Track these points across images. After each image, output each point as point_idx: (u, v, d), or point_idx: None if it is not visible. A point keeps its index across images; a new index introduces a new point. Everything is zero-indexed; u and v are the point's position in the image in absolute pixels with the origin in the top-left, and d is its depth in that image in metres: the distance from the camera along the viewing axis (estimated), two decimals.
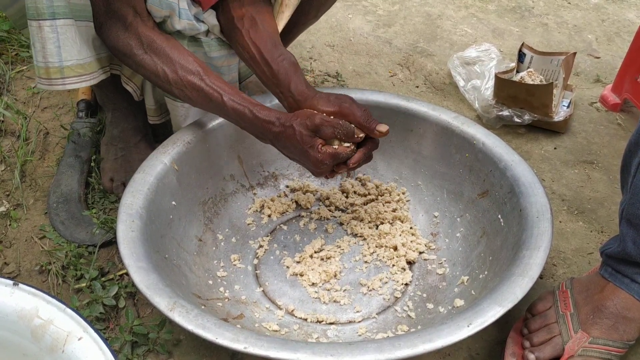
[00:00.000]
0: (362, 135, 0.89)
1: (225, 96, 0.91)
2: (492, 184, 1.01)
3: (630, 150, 0.86)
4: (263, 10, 1.03)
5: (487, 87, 1.40)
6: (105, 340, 0.64)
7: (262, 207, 1.12)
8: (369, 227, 1.08)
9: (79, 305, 0.95)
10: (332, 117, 0.90)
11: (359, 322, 0.94)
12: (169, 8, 0.95)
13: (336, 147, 0.88)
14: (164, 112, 1.15)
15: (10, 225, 1.11)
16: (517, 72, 1.42)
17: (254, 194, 1.14)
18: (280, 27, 1.06)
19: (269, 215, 1.11)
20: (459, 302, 0.91)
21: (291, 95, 0.94)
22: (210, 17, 1.03)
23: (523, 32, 1.77)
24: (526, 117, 1.34)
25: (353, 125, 0.88)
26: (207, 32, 1.05)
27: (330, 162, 0.88)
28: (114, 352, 0.64)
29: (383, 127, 0.88)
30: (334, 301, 0.97)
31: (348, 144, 0.89)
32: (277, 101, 1.10)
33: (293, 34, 1.19)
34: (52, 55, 0.90)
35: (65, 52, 0.90)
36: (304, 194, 1.15)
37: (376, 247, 1.05)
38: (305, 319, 0.94)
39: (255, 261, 1.04)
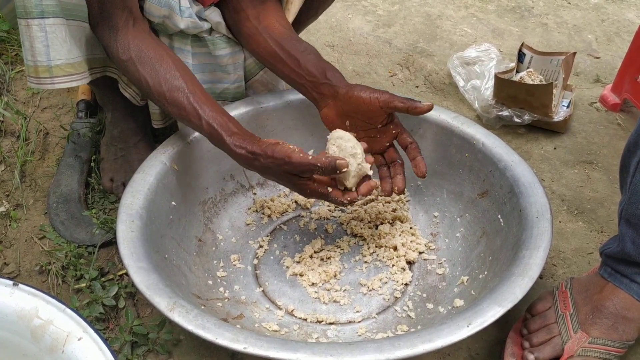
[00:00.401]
0: (344, 170, 0.82)
1: (203, 119, 0.88)
2: (492, 184, 1.01)
3: (629, 150, 0.86)
4: (272, 9, 1.03)
5: (487, 87, 1.40)
6: (105, 340, 0.65)
7: (262, 207, 1.12)
8: (369, 227, 1.08)
9: (79, 306, 0.95)
10: (376, 101, 0.91)
11: (359, 322, 0.94)
12: (168, 7, 0.95)
13: (330, 190, 0.86)
14: (168, 116, 1.15)
15: (10, 225, 1.11)
16: (517, 72, 1.42)
17: (254, 194, 1.14)
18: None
19: (269, 215, 1.11)
20: (459, 302, 0.91)
21: (328, 82, 0.94)
22: (213, 15, 1.03)
23: (523, 32, 1.77)
24: (526, 117, 1.34)
25: (334, 162, 0.80)
26: (211, 31, 1.05)
27: (320, 198, 0.88)
28: (114, 352, 0.64)
29: (428, 102, 0.89)
30: (334, 301, 0.97)
31: (344, 196, 0.87)
32: (288, 98, 1.11)
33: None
34: (40, 54, 0.89)
35: (53, 52, 0.89)
36: None
37: (376, 247, 1.05)
38: (305, 319, 0.94)
39: (255, 261, 1.04)
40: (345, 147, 0.88)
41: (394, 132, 0.96)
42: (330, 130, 0.93)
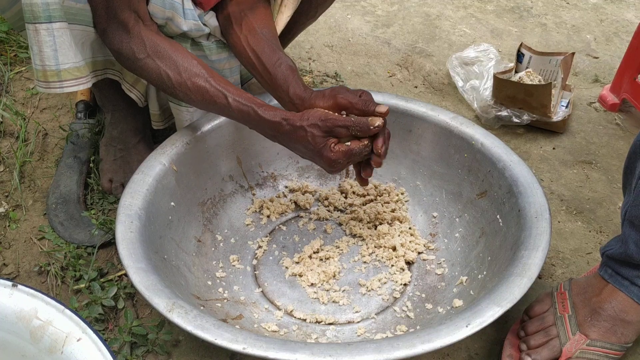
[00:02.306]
0: (378, 123, 0.85)
1: (229, 97, 0.90)
2: (491, 184, 1.01)
3: (634, 152, 0.85)
4: (261, 12, 1.03)
5: (486, 88, 1.40)
6: (104, 341, 0.65)
7: (261, 207, 1.12)
8: (368, 228, 1.08)
9: (78, 306, 0.95)
10: (338, 112, 0.89)
11: (358, 322, 0.94)
12: (172, 8, 0.95)
13: (349, 144, 0.87)
14: (168, 117, 1.15)
15: (9, 226, 1.11)
16: (516, 72, 1.42)
17: (253, 194, 1.14)
18: (280, 28, 1.06)
19: (268, 216, 1.11)
20: (458, 303, 0.92)
21: (290, 100, 0.94)
22: (212, 20, 1.03)
23: (522, 32, 1.77)
24: (525, 117, 1.34)
25: (366, 119, 0.85)
26: (208, 36, 1.05)
27: (344, 160, 0.87)
28: (113, 353, 0.64)
29: (382, 108, 0.87)
30: (333, 301, 0.97)
31: (362, 140, 0.87)
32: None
33: (292, 34, 1.20)
34: (49, 59, 0.89)
35: (62, 56, 0.90)
36: (303, 194, 1.15)
37: (375, 247, 1.05)
38: (304, 320, 0.94)
39: (254, 262, 1.04)
40: None
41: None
42: None
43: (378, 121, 0.85)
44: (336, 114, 0.87)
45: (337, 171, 0.90)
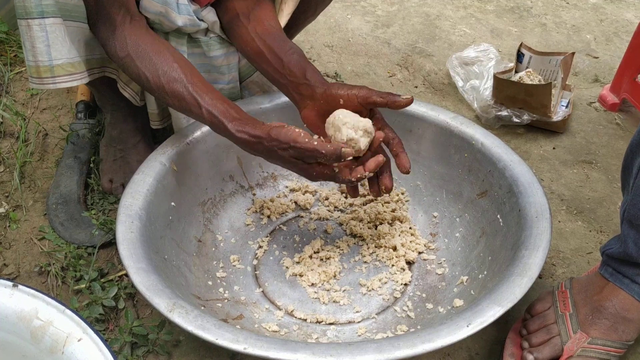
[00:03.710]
0: (349, 157, 0.81)
1: (203, 108, 0.88)
2: (491, 184, 1.01)
3: (631, 151, 0.85)
4: (265, 7, 1.03)
5: (486, 87, 1.40)
6: (104, 341, 0.65)
7: (262, 207, 1.12)
8: (368, 228, 1.08)
9: (79, 307, 0.95)
10: (354, 97, 0.88)
11: (359, 322, 0.94)
12: (165, 3, 0.95)
13: (337, 171, 0.85)
14: (166, 116, 1.15)
15: (9, 226, 1.11)
16: (516, 72, 1.43)
17: (253, 194, 1.14)
18: (281, 25, 1.06)
19: (268, 216, 1.11)
20: (459, 302, 0.92)
21: (307, 83, 0.92)
22: (210, 15, 1.03)
23: (521, 32, 1.77)
24: (525, 117, 1.34)
25: (339, 149, 0.80)
26: (206, 31, 1.05)
27: (325, 179, 0.86)
28: (114, 353, 0.64)
29: (407, 95, 0.86)
30: (334, 301, 0.97)
31: (351, 174, 0.85)
32: (277, 101, 1.11)
33: (291, 32, 1.20)
34: (41, 54, 0.89)
35: (54, 51, 0.90)
36: (303, 194, 1.15)
37: (375, 247, 1.05)
38: (305, 320, 0.94)
39: (255, 262, 1.04)
40: (354, 120, 0.86)
41: (376, 127, 0.93)
42: (313, 132, 0.93)
43: (349, 152, 0.81)
44: (306, 139, 0.81)
45: (320, 181, 0.89)
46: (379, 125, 0.93)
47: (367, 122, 0.87)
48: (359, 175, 0.85)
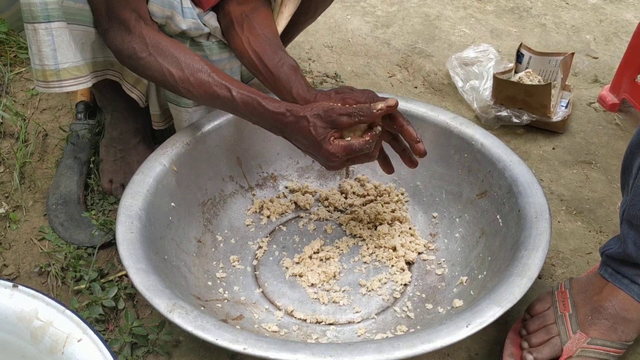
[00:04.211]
0: (380, 106, 0.84)
1: (233, 90, 0.89)
2: (491, 185, 1.01)
3: (631, 152, 0.85)
4: (261, 12, 1.03)
5: (486, 88, 1.40)
6: (104, 341, 0.65)
7: (261, 208, 1.12)
8: (368, 228, 1.08)
9: (79, 307, 0.95)
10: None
11: (358, 322, 0.94)
12: (171, 7, 0.95)
13: (349, 139, 0.86)
14: (168, 117, 1.15)
15: (9, 227, 1.11)
16: (516, 72, 1.43)
17: (253, 195, 1.14)
18: (280, 28, 1.06)
19: (268, 216, 1.11)
20: (458, 303, 0.92)
21: (293, 100, 0.94)
22: (212, 20, 1.03)
23: (521, 33, 1.77)
24: (524, 117, 1.34)
25: (368, 105, 0.85)
26: (208, 36, 1.05)
27: (343, 155, 0.86)
28: (114, 354, 0.64)
29: (391, 101, 0.86)
30: (333, 302, 0.97)
31: (363, 137, 0.86)
32: None
33: (292, 34, 1.20)
34: (47, 58, 0.90)
35: (61, 55, 0.90)
36: (303, 194, 1.16)
37: (375, 247, 1.05)
38: (305, 320, 0.94)
39: (255, 262, 1.04)
40: None
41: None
42: None
43: (380, 104, 0.85)
44: (339, 104, 0.87)
45: (336, 168, 0.89)
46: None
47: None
48: (371, 133, 0.86)
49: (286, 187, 1.17)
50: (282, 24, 1.06)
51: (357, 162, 0.90)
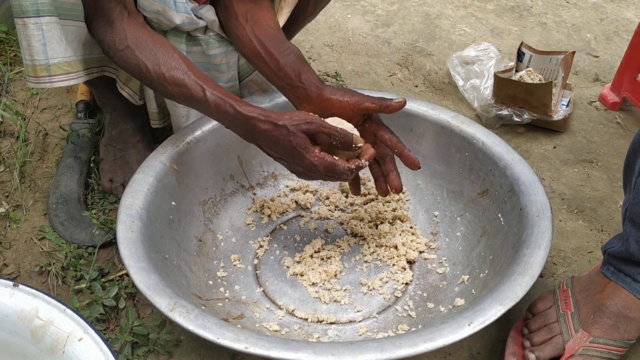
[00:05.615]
0: (360, 144, 0.85)
1: (207, 91, 0.88)
2: (492, 183, 1.01)
3: (633, 150, 0.85)
4: (264, 7, 1.03)
5: (486, 87, 1.40)
6: (105, 340, 0.65)
7: (262, 207, 1.12)
8: (369, 227, 1.08)
9: (79, 306, 0.95)
10: (346, 104, 0.90)
11: (360, 321, 0.94)
12: (162, 2, 0.95)
13: (336, 158, 0.85)
14: (166, 115, 1.15)
15: (9, 226, 1.11)
16: (516, 71, 1.42)
17: (254, 194, 1.14)
18: (280, 24, 1.06)
19: (269, 215, 1.11)
20: (460, 301, 0.91)
21: (302, 86, 0.93)
22: (208, 13, 1.03)
23: (522, 32, 1.77)
24: (525, 116, 1.34)
25: (352, 134, 0.85)
26: (205, 29, 1.05)
27: (324, 171, 0.86)
28: (115, 353, 0.64)
29: (399, 98, 0.87)
30: (335, 301, 0.97)
31: (350, 163, 0.86)
32: (277, 100, 1.11)
33: (291, 31, 1.19)
34: (37, 53, 0.89)
35: (51, 50, 0.89)
36: (304, 193, 1.15)
37: (376, 246, 1.05)
38: (306, 319, 0.94)
39: (256, 261, 1.04)
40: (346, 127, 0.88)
41: (373, 130, 0.95)
42: None
43: (361, 142, 0.86)
44: (322, 119, 0.86)
45: (312, 179, 0.89)
46: (373, 128, 0.94)
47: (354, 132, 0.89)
48: (357, 164, 0.87)
49: (287, 186, 1.16)
50: (281, 21, 1.06)
51: (332, 180, 0.89)
